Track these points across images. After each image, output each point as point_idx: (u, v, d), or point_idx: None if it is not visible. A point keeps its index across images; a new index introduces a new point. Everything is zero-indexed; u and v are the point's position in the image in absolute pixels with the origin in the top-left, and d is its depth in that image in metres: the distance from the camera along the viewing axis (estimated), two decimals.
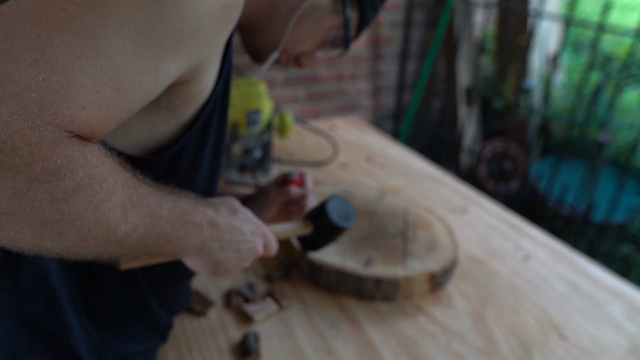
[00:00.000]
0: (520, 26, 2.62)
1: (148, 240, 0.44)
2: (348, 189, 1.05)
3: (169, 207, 0.45)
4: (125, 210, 0.40)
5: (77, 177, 0.35)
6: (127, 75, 0.38)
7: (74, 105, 0.34)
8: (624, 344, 0.74)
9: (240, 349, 0.68)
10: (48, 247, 0.36)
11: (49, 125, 0.33)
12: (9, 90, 0.31)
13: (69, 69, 0.34)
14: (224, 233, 0.52)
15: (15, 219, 0.33)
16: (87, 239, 0.38)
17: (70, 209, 0.35)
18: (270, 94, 2.45)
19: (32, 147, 0.32)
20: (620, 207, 2.17)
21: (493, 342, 0.73)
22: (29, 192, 0.33)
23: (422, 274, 0.80)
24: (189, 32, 0.40)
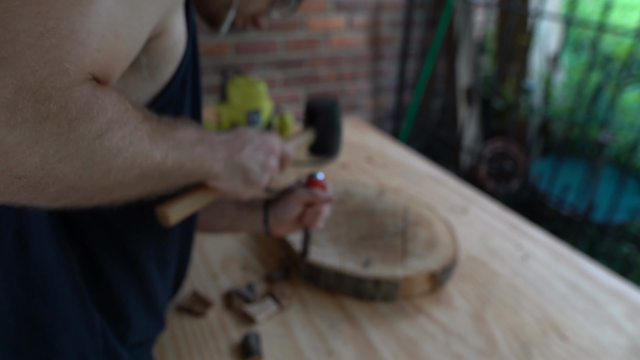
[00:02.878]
0: (521, 26, 2.62)
1: (181, 161, 0.45)
2: (347, 188, 1.05)
3: (183, 131, 0.47)
4: (152, 139, 0.42)
5: (108, 113, 0.36)
6: (119, 19, 0.38)
7: (89, 47, 0.35)
8: (624, 344, 0.74)
9: (241, 349, 0.68)
10: (101, 188, 0.38)
11: (75, 68, 0.34)
12: (25, 41, 0.32)
13: (71, 15, 0.34)
14: (237, 140, 0.56)
15: (66, 164, 0.34)
16: (131, 169, 0.39)
17: (110, 142, 0.36)
18: (270, 94, 2.45)
19: (63, 92, 0.33)
20: (620, 207, 2.17)
21: (493, 342, 0.73)
22: (71, 135, 0.34)
23: (422, 273, 0.79)
24: None
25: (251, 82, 1.09)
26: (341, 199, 1.01)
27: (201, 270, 0.84)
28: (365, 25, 2.59)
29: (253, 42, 2.29)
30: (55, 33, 0.33)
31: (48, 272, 0.49)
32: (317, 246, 0.85)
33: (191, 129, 0.49)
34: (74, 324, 0.51)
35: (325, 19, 2.45)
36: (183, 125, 0.49)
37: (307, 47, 2.46)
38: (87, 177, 0.36)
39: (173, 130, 0.46)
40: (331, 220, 0.92)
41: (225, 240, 0.93)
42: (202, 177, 0.52)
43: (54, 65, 0.33)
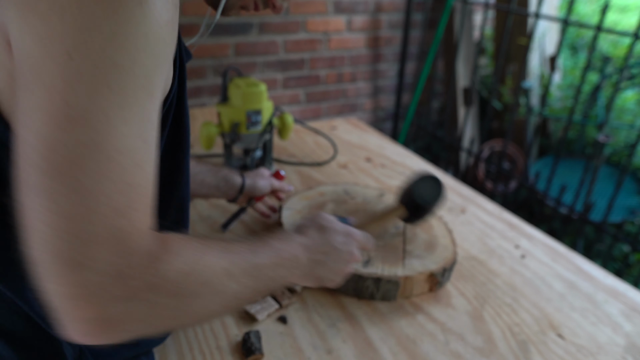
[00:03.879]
0: (519, 27, 2.63)
1: (258, 287, 0.50)
2: (348, 189, 1.05)
3: (264, 253, 0.51)
4: (229, 273, 0.45)
5: (174, 269, 0.40)
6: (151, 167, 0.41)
7: (148, 209, 0.40)
8: (621, 343, 0.75)
9: (242, 348, 0.68)
10: (180, 326, 0.49)
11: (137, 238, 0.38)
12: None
13: (139, 189, 0.38)
14: (318, 254, 0.59)
15: (170, 322, 0.42)
16: (210, 307, 0.44)
17: (187, 292, 0.41)
18: (270, 94, 2.46)
19: (136, 268, 0.37)
20: (617, 206, 2.18)
21: (491, 340, 0.73)
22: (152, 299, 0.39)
23: (422, 273, 0.80)
24: (158, 62, 0.40)
25: (252, 83, 1.10)
26: (342, 199, 1.01)
27: None
28: (364, 26, 2.60)
29: (253, 43, 2.30)
30: (129, 202, 0.37)
31: (32, 293, 0.49)
32: None
33: (274, 243, 0.54)
34: (59, 342, 0.52)
35: (325, 20, 2.45)
36: (267, 242, 0.53)
37: (307, 48, 2.47)
38: (171, 325, 0.43)
39: (253, 255, 0.50)
40: None
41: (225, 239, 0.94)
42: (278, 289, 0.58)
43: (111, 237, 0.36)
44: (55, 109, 0.34)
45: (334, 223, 0.63)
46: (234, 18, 2.19)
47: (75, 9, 0.34)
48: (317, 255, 0.58)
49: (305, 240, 0.58)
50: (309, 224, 0.62)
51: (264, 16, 2.26)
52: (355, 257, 0.63)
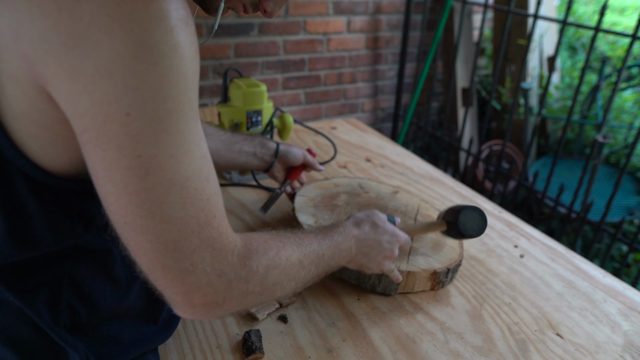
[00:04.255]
0: (518, 27, 2.64)
1: (318, 273, 0.62)
2: (363, 183, 1.06)
3: (327, 244, 0.64)
4: (301, 263, 0.58)
5: (265, 262, 0.52)
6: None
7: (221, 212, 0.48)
8: (619, 342, 0.75)
9: (242, 346, 0.69)
10: (261, 304, 0.67)
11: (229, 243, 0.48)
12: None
13: (216, 204, 0.46)
14: (366, 247, 0.70)
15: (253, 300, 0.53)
16: (285, 290, 0.56)
17: (271, 281, 0.53)
18: (271, 95, 2.46)
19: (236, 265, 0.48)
20: (616, 206, 2.18)
21: (490, 340, 0.74)
22: (245, 288, 0.50)
23: (425, 270, 0.80)
24: (196, 89, 0.44)
25: (252, 84, 1.10)
26: (356, 191, 1.02)
27: None
28: (364, 27, 2.60)
29: (254, 43, 2.30)
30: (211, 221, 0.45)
31: (39, 300, 0.51)
32: None
33: (335, 235, 0.66)
34: (65, 349, 0.52)
35: (325, 21, 2.46)
36: (330, 233, 0.66)
37: (307, 48, 2.47)
38: (260, 304, 0.57)
39: (319, 246, 0.62)
40: (343, 210, 0.94)
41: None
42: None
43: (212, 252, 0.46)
44: (130, 163, 0.39)
45: (385, 223, 0.73)
46: (235, 19, 2.20)
47: (121, 70, 0.37)
48: (365, 248, 0.70)
49: (359, 232, 0.69)
50: (366, 218, 0.72)
51: (264, 17, 2.26)
52: (394, 255, 0.73)
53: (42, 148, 0.44)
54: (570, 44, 3.40)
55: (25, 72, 0.39)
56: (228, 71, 1.13)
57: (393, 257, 0.73)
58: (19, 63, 0.38)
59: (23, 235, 0.47)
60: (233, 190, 1.13)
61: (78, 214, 0.49)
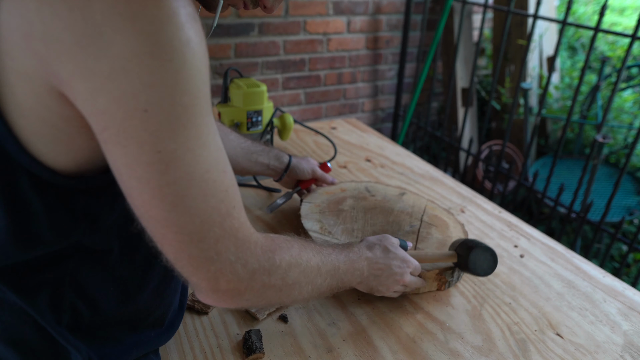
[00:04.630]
0: (518, 28, 2.64)
1: (332, 285, 0.63)
2: (369, 187, 1.06)
3: (343, 259, 0.66)
4: (319, 269, 0.60)
5: (287, 258, 0.54)
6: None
7: (241, 209, 0.49)
8: (619, 342, 0.76)
9: (243, 346, 0.69)
10: (279, 304, 0.72)
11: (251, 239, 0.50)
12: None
13: (234, 193, 0.47)
14: (377, 270, 0.71)
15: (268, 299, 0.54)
16: (302, 293, 0.58)
17: (291, 279, 0.55)
18: (271, 95, 2.47)
19: (260, 259, 0.50)
20: (616, 206, 2.18)
21: (491, 339, 0.74)
22: (271, 281, 0.52)
23: (430, 271, 0.80)
24: (208, 82, 0.45)
25: (252, 84, 1.10)
26: (362, 195, 1.02)
27: None
28: (364, 27, 2.60)
29: (254, 43, 2.30)
30: (232, 211, 0.47)
31: (40, 301, 0.51)
32: (330, 237, 0.87)
33: (349, 253, 0.68)
34: (66, 349, 0.52)
35: (325, 21, 2.46)
36: (346, 251, 0.68)
37: (307, 49, 2.47)
38: (278, 302, 0.59)
39: (336, 259, 0.64)
40: (348, 214, 0.94)
41: None
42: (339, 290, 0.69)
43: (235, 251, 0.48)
44: (151, 158, 0.40)
45: (397, 248, 0.75)
46: (235, 19, 2.20)
47: (136, 68, 0.37)
48: (376, 271, 0.71)
49: (371, 255, 0.71)
50: (378, 242, 0.74)
51: (264, 17, 2.27)
52: (404, 280, 0.74)
53: (46, 146, 0.44)
54: (570, 44, 3.41)
55: (37, 70, 0.39)
56: (228, 71, 1.13)
57: (403, 282, 0.74)
58: (31, 61, 0.39)
59: (26, 235, 0.47)
60: None
61: (82, 214, 0.49)
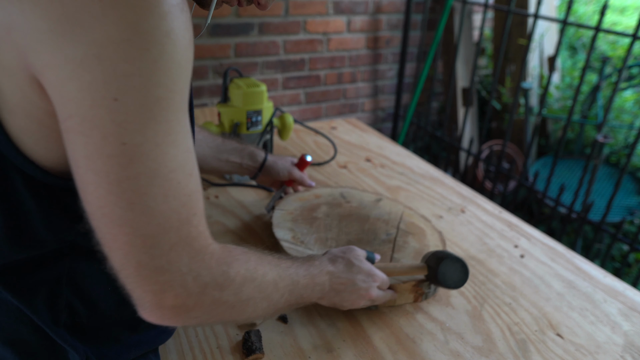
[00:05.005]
0: (518, 27, 2.64)
1: (290, 301, 0.59)
2: (345, 193, 1.04)
3: (302, 273, 0.61)
4: (276, 284, 0.55)
5: (243, 272, 0.49)
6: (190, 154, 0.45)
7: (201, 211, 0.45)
8: (619, 342, 0.75)
9: (242, 347, 0.69)
10: (231, 321, 0.62)
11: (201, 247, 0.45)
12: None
13: (196, 199, 0.44)
14: (339, 285, 0.67)
15: (214, 317, 0.49)
16: (257, 309, 0.53)
17: (245, 295, 0.50)
18: (271, 94, 2.46)
19: (210, 269, 0.45)
20: (616, 206, 2.18)
21: (491, 340, 0.74)
22: (219, 297, 0.47)
23: (406, 283, 0.77)
24: (188, 80, 0.42)
25: (252, 83, 1.10)
26: (337, 201, 0.99)
27: None
28: (364, 27, 2.60)
29: (254, 43, 2.30)
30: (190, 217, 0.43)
31: (38, 301, 0.51)
32: (303, 246, 0.84)
33: (310, 267, 0.63)
34: (64, 349, 0.52)
35: (325, 20, 2.46)
36: (306, 265, 0.63)
37: (307, 48, 2.47)
38: (226, 319, 0.51)
39: (295, 273, 0.59)
40: (322, 223, 0.91)
41: (226, 238, 0.94)
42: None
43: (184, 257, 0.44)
44: (114, 150, 0.38)
45: (362, 262, 0.71)
46: (235, 19, 2.20)
47: (112, 55, 0.36)
48: (339, 286, 0.67)
49: (334, 270, 0.67)
50: (342, 256, 0.70)
51: (264, 17, 2.26)
52: (370, 295, 0.70)
53: (36, 143, 0.44)
54: (570, 44, 3.40)
55: (18, 63, 0.38)
56: (228, 71, 1.13)
57: (369, 297, 0.70)
58: (12, 54, 0.38)
59: (21, 234, 0.47)
60: (233, 190, 1.13)
61: (77, 214, 0.49)
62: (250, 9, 2.21)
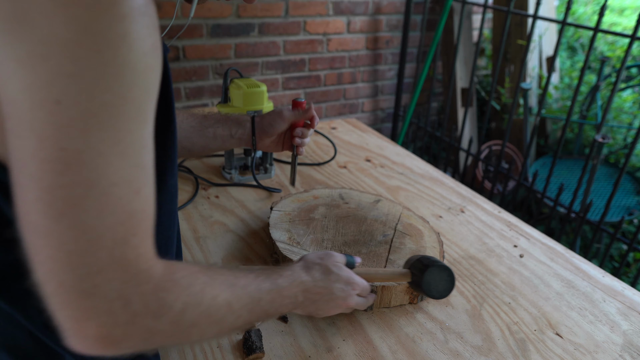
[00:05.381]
0: (517, 28, 2.65)
1: (250, 319, 0.53)
2: (343, 194, 1.04)
3: (267, 288, 0.55)
4: (230, 306, 0.49)
5: (184, 298, 0.43)
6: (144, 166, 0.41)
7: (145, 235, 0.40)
8: (618, 342, 0.76)
9: (243, 346, 0.69)
10: (175, 346, 0.48)
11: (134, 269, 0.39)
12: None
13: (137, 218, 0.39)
14: (314, 295, 0.62)
15: (164, 341, 0.43)
16: (205, 334, 0.47)
17: (187, 322, 0.44)
18: (271, 95, 2.47)
19: (143, 295, 0.40)
20: (615, 206, 2.19)
21: (490, 339, 0.74)
22: (151, 326, 0.41)
23: (401, 284, 0.77)
24: (148, 88, 0.39)
25: (252, 84, 1.10)
26: (335, 203, 0.99)
27: None
28: (364, 27, 2.61)
29: (254, 44, 2.30)
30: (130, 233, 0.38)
31: (33, 304, 0.50)
32: (299, 247, 0.83)
33: (279, 280, 0.57)
34: (62, 352, 0.52)
35: (325, 21, 2.46)
36: (274, 277, 0.57)
37: (307, 49, 2.47)
38: (165, 344, 0.44)
39: (257, 289, 0.53)
40: (319, 224, 0.91)
41: (227, 238, 0.94)
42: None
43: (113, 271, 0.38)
44: (50, 155, 0.34)
45: (341, 269, 0.66)
46: (235, 19, 2.20)
47: (58, 55, 0.33)
48: (314, 295, 0.62)
49: (308, 279, 0.62)
50: (318, 261, 0.65)
51: (264, 17, 2.27)
52: (349, 304, 0.66)
53: (6, 149, 0.41)
54: (569, 44, 3.41)
55: None
56: (228, 71, 1.13)
57: (347, 305, 0.66)
58: None
59: (4, 239, 0.45)
60: (233, 190, 1.13)
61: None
62: (251, 9, 2.21)
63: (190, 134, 0.86)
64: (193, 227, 0.97)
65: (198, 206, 1.05)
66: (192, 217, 1.01)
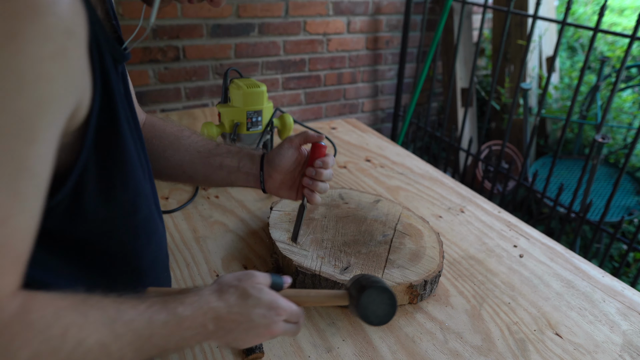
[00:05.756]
0: (517, 28, 2.65)
1: (138, 357, 0.45)
2: (343, 194, 1.04)
3: (161, 321, 0.46)
4: (105, 348, 0.41)
5: (36, 345, 0.35)
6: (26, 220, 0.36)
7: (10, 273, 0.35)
8: (618, 342, 0.76)
9: None
10: None
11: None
12: None
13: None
14: (229, 323, 0.52)
15: None
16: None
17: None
18: (271, 95, 2.47)
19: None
20: (615, 206, 2.19)
21: (490, 339, 0.74)
22: None
23: (401, 284, 0.77)
24: (41, 100, 0.35)
25: (252, 84, 1.10)
26: (335, 203, 0.99)
27: (203, 269, 0.86)
28: (364, 27, 2.61)
29: (254, 44, 2.30)
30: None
31: None
32: (298, 247, 0.84)
33: (181, 309, 0.48)
34: None
35: (325, 21, 2.46)
36: (174, 305, 0.48)
37: (307, 49, 2.47)
38: None
39: (146, 323, 0.45)
40: (319, 224, 0.91)
41: (227, 239, 0.94)
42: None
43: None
44: None
45: (261, 292, 0.55)
46: (235, 20, 2.20)
47: None
48: (228, 324, 0.52)
49: (220, 306, 0.52)
50: (235, 284, 0.55)
51: (264, 18, 2.27)
52: (273, 332, 0.55)
53: None
54: (569, 45, 3.41)
55: None
56: (228, 71, 1.13)
57: (272, 334, 0.55)
58: None
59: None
60: (233, 190, 1.13)
61: (44, 232, 0.44)
62: (251, 9, 2.22)
63: (195, 158, 0.78)
64: (193, 227, 0.97)
65: (198, 206, 1.05)
66: (192, 217, 1.01)
